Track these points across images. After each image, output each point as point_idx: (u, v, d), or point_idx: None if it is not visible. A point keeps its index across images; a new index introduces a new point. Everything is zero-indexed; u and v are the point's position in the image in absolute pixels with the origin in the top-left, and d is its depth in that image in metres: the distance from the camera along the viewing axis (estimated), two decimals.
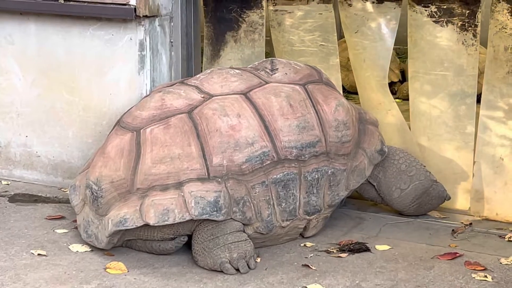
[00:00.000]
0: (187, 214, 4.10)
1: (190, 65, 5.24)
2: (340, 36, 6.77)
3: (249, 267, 4.15)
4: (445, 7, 4.81)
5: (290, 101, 4.40)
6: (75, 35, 5.10)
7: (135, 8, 4.88)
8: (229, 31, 5.33)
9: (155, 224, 4.11)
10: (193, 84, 4.49)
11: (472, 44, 4.79)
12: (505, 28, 4.65)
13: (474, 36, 4.78)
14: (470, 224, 4.77)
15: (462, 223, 4.78)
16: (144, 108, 4.37)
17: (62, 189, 5.24)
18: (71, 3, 5.02)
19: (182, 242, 4.28)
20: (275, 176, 4.29)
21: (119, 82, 5.05)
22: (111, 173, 4.24)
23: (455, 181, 4.96)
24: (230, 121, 4.26)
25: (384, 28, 4.98)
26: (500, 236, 4.60)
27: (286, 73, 4.56)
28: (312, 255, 4.35)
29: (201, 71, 5.23)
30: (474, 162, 4.86)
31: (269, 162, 4.28)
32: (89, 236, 4.34)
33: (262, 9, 5.25)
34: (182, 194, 4.13)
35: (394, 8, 4.95)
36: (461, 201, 4.99)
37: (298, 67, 4.63)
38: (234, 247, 4.15)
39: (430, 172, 4.82)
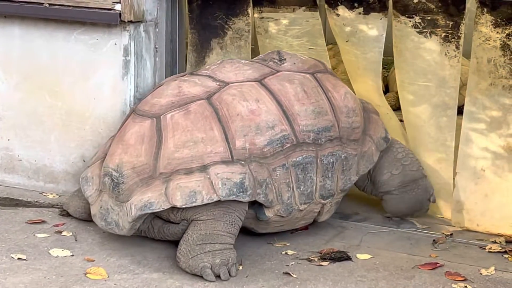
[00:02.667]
0: (214, 195, 4.14)
1: (174, 71, 5.24)
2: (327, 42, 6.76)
3: (230, 274, 4.15)
4: (429, 18, 4.83)
5: (304, 88, 4.51)
6: (60, 39, 5.08)
7: (120, 13, 4.87)
8: (214, 38, 5.33)
9: (183, 206, 4.15)
10: (205, 74, 4.56)
11: (455, 55, 4.80)
12: (489, 40, 4.68)
13: (457, 47, 4.80)
14: (451, 234, 4.79)
15: (443, 233, 4.79)
16: (162, 96, 4.42)
17: (43, 194, 5.22)
18: (56, 7, 5.00)
19: (187, 225, 4.31)
20: (294, 159, 4.37)
21: (102, 87, 5.04)
22: (132, 159, 4.27)
23: (437, 191, 4.97)
24: (250, 105, 4.34)
25: (372, 38, 4.99)
26: (481, 247, 4.62)
27: (294, 63, 4.68)
28: (293, 263, 4.36)
29: None
30: (455, 173, 4.88)
31: (289, 145, 4.36)
32: (109, 224, 4.34)
33: (248, 16, 5.26)
34: (208, 176, 4.18)
35: (381, 19, 4.97)
36: (443, 211, 5.01)
37: (304, 58, 4.77)
38: (218, 253, 4.16)
39: (423, 168, 4.88)
